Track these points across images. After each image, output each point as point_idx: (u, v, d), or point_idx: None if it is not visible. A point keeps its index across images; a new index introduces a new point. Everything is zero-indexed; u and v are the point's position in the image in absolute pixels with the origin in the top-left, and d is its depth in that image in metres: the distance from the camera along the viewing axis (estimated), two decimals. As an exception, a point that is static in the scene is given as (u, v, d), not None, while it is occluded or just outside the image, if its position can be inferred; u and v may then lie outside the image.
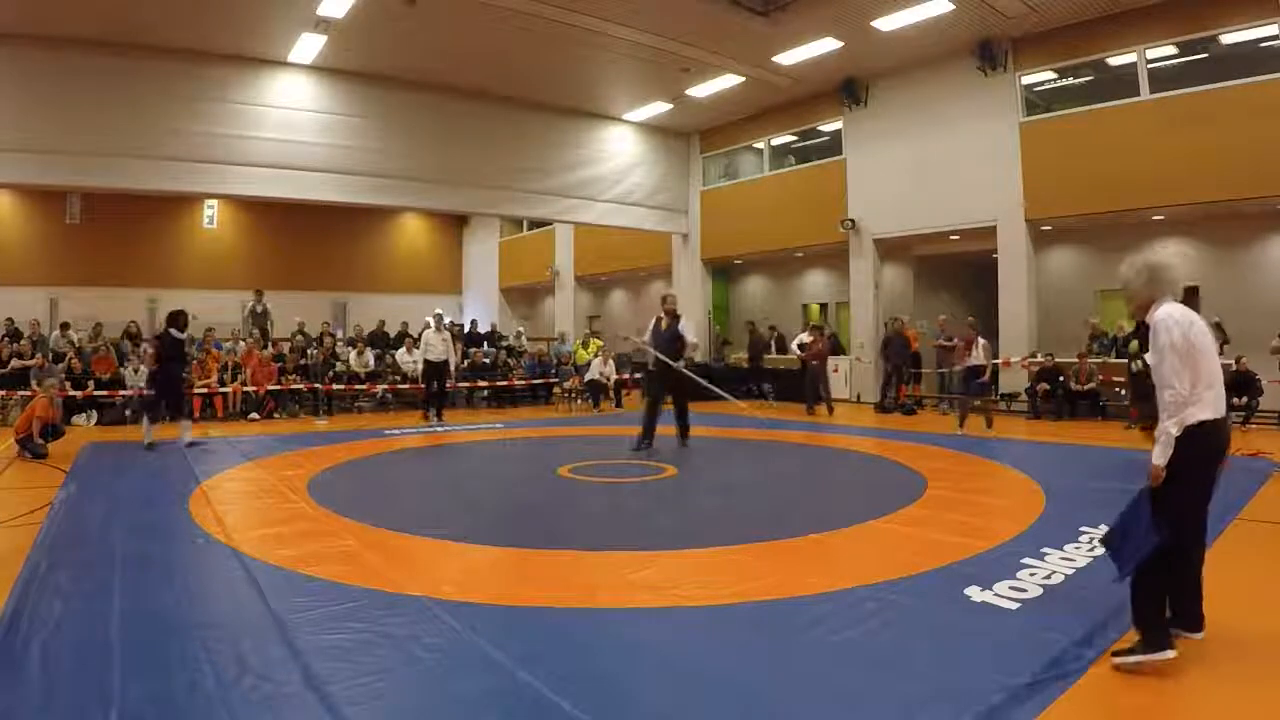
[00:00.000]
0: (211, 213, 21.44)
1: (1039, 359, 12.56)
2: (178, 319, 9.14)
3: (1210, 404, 2.89)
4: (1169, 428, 2.87)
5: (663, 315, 9.21)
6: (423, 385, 12.81)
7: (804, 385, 13.57)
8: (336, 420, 12.65)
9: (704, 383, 9.74)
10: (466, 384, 15.08)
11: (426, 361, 12.38)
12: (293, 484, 6.72)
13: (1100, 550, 3.65)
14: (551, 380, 16.15)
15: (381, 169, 14.40)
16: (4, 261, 18.06)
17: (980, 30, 12.55)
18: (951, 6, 11.60)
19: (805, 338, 13.89)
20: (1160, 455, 2.89)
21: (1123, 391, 11.03)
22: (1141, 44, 11.59)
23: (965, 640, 3.18)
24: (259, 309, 15.56)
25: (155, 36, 11.99)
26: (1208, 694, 2.77)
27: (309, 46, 12.87)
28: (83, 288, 18.46)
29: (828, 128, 16.17)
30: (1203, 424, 2.87)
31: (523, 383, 15.78)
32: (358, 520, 5.34)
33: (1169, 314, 2.94)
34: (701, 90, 15.44)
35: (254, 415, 12.59)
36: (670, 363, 8.88)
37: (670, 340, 8.98)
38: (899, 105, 14.54)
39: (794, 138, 17.27)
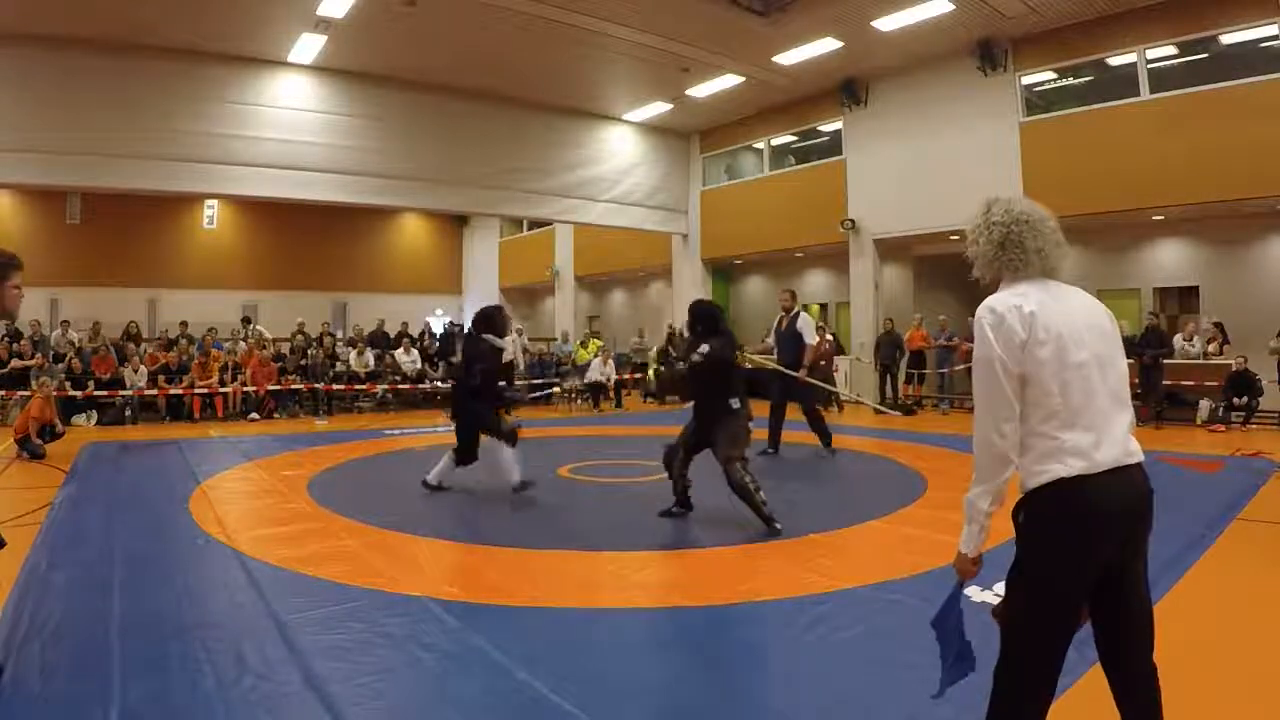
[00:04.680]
0: (211, 213, 21.45)
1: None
2: (493, 320, 6.46)
3: (1073, 451, 1.77)
4: (974, 499, 1.89)
5: (782, 313, 8.47)
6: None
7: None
8: (336, 420, 12.65)
9: (829, 386, 9.08)
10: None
11: None
12: (293, 484, 6.72)
13: None
14: (551, 380, 16.17)
15: (382, 169, 14.40)
16: (4, 261, 18.06)
17: (980, 30, 12.54)
18: (951, 6, 11.59)
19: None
20: (966, 539, 1.95)
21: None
22: (1141, 44, 11.58)
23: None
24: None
25: (155, 37, 11.98)
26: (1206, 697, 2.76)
27: (309, 46, 12.86)
28: (83, 288, 18.47)
29: (828, 128, 16.15)
30: (1055, 485, 1.78)
31: (522, 382, 15.77)
32: (358, 520, 5.35)
33: (988, 308, 1.89)
34: (701, 90, 15.43)
35: (254, 415, 12.59)
36: (784, 370, 8.21)
37: (791, 340, 8.28)
38: (899, 105, 14.54)
39: (794, 138, 17.26)
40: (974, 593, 3.64)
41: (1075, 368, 1.81)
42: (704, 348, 5.17)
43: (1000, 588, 3.81)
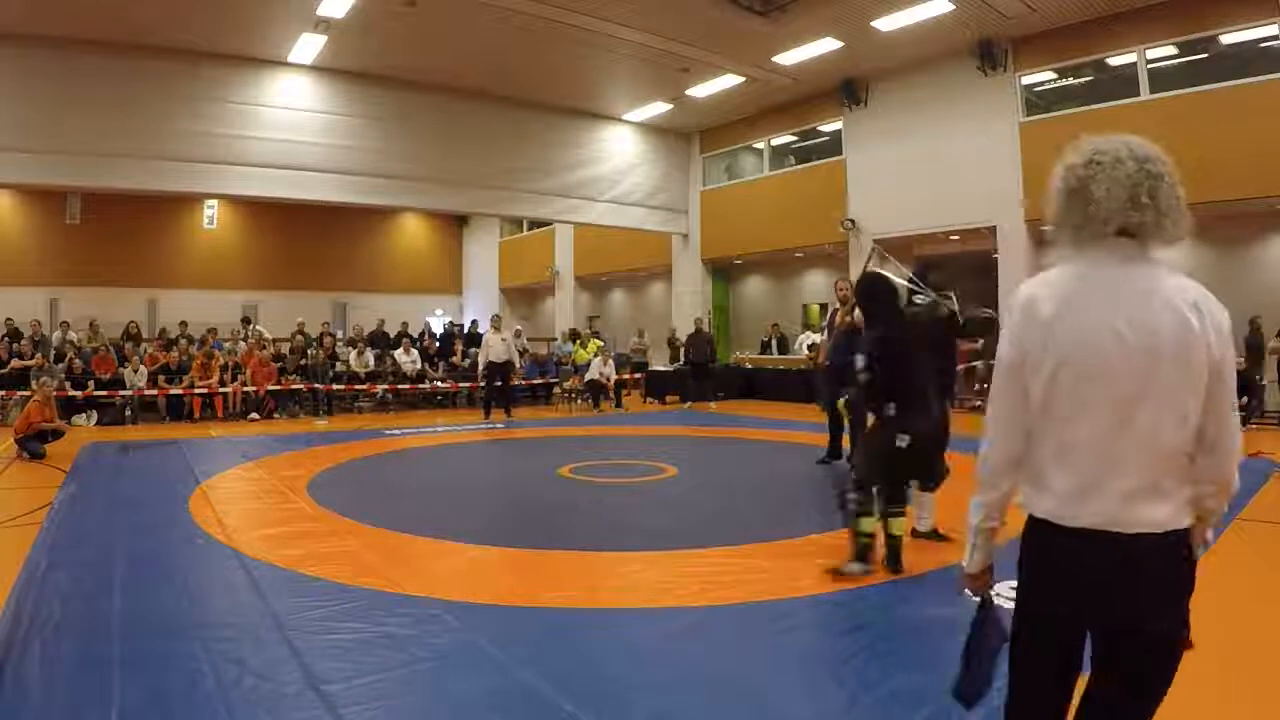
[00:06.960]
0: (211, 213, 21.44)
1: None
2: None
3: (1050, 491, 1.50)
4: (970, 511, 1.64)
5: (838, 306, 7.31)
6: (482, 385, 13.31)
7: (812, 386, 13.52)
8: (336, 420, 12.65)
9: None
10: (467, 384, 15.09)
11: (490, 362, 12.72)
12: (293, 484, 6.71)
13: None
14: (551, 380, 16.16)
15: (382, 169, 14.40)
16: (4, 261, 18.05)
17: (980, 30, 12.53)
18: (951, 6, 11.59)
19: (816, 338, 13.84)
20: (968, 555, 1.67)
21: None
22: (1141, 44, 11.58)
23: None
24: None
25: (155, 37, 11.99)
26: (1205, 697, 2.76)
27: (309, 46, 12.86)
28: (83, 288, 18.44)
29: (828, 128, 16.16)
30: (1033, 520, 1.53)
31: (522, 382, 15.76)
32: (358, 520, 5.35)
33: (1018, 295, 1.59)
34: (701, 90, 15.43)
35: (254, 415, 12.58)
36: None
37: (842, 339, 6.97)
38: (899, 105, 14.53)
39: (794, 138, 17.26)
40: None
41: (1080, 396, 1.46)
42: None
43: (1000, 588, 3.81)
